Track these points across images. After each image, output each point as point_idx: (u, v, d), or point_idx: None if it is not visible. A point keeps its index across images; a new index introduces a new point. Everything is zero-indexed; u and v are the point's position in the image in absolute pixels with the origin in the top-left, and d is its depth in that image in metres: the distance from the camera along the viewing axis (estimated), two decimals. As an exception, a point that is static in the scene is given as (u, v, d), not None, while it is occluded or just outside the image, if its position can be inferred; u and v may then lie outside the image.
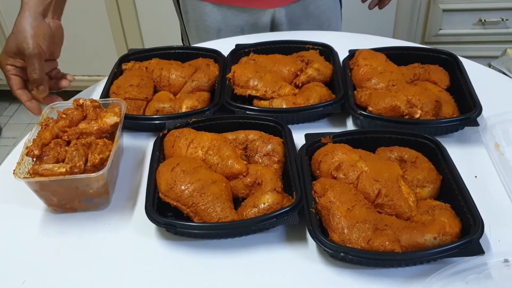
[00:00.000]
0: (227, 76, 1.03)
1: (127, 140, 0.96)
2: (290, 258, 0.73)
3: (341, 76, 1.04)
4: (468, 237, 0.68)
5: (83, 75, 2.49)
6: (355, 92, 1.00)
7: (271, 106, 0.98)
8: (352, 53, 1.09)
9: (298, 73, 1.05)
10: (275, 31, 1.33)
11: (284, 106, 0.97)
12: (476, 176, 0.85)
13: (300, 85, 1.03)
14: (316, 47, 1.13)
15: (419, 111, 0.91)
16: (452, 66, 1.05)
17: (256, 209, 0.75)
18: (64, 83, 1.05)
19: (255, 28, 1.31)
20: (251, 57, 1.10)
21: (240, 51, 1.14)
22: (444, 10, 2.04)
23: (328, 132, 0.87)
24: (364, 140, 0.87)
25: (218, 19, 1.30)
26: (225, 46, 1.16)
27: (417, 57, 1.08)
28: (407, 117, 0.92)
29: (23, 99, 0.97)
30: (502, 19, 2.03)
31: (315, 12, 1.31)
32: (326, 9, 1.34)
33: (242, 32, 1.32)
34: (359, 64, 1.04)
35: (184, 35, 1.43)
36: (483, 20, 2.04)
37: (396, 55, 1.08)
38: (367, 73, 1.01)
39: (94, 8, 2.25)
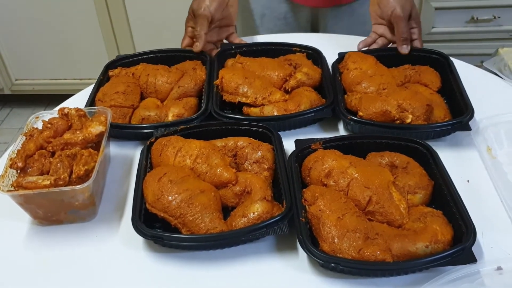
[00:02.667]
0: (214, 82, 1.01)
1: (114, 149, 0.95)
2: (281, 269, 0.72)
3: (331, 80, 1.02)
4: (460, 245, 0.66)
5: (74, 79, 2.47)
6: (345, 96, 0.99)
7: (262, 113, 0.96)
8: (342, 55, 1.08)
9: (287, 78, 1.03)
10: (318, 25, 1.35)
11: (275, 113, 0.95)
12: (468, 181, 0.84)
13: (289, 90, 1.01)
14: (303, 50, 1.11)
15: (410, 116, 0.90)
16: (443, 66, 1.04)
17: (246, 218, 0.74)
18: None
19: (298, 18, 1.34)
20: (237, 60, 1.08)
21: (226, 52, 1.12)
22: (436, 8, 2.03)
23: (318, 138, 0.86)
24: (354, 146, 0.85)
25: (263, 3, 1.33)
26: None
27: (407, 57, 1.07)
28: (398, 121, 0.91)
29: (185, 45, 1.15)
30: (495, 17, 2.02)
31: (359, 9, 1.30)
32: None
33: (285, 19, 1.34)
34: (348, 67, 1.02)
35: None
36: (475, 18, 2.03)
37: (386, 57, 1.07)
38: (357, 77, 0.99)
39: (84, 12, 2.23)
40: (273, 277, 0.71)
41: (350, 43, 1.15)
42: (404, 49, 1.06)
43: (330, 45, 1.14)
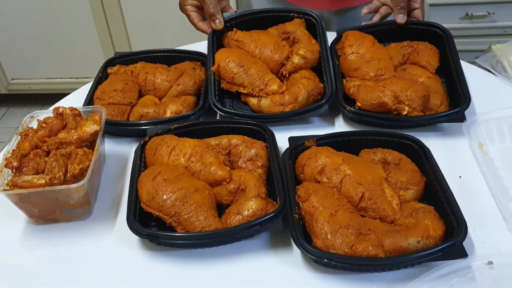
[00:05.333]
0: (211, 69, 1.01)
1: (111, 146, 0.95)
2: (275, 265, 0.73)
3: (327, 54, 1.02)
4: (451, 240, 0.67)
5: (70, 78, 2.47)
6: (344, 81, 0.99)
7: (259, 106, 0.97)
8: (340, 34, 1.07)
9: (284, 62, 1.01)
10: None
11: (272, 108, 0.96)
12: (460, 176, 0.84)
13: (286, 75, 1.01)
14: (301, 16, 1.09)
15: (407, 108, 0.91)
16: (442, 41, 1.04)
17: (240, 216, 0.75)
18: None
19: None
20: (233, 36, 1.07)
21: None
22: (431, 5, 2.04)
23: (312, 135, 0.87)
24: (347, 143, 0.86)
25: (266, 6, 1.30)
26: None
27: (406, 32, 1.07)
28: (395, 112, 0.92)
29: (205, 28, 1.13)
30: (489, 13, 2.03)
31: (364, 17, 1.30)
32: None
33: None
34: (345, 52, 1.02)
35: None
36: (470, 14, 2.04)
37: (384, 31, 1.07)
38: (354, 62, 1.00)
39: (80, 11, 2.23)
40: (267, 274, 0.72)
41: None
42: (400, 18, 1.05)
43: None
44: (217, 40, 1.09)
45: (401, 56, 1.02)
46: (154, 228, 0.77)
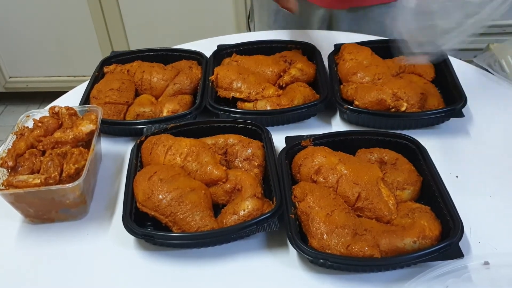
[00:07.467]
0: (210, 78, 1.02)
1: (107, 145, 0.95)
2: (271, 265, 0.72)
3: (324, 72, 1.03)
4: (447, 240, 0.67)
5: (68, 76, 2.47)
6: (341, 86, 1.00)
7: (255, 108, 0.97)
8: (338, 47, 1.09)
9: (282, 73, 1.04)
10: (332, 26, 1.33)
11: (268, 108, 0.96)
12: (457, 176, 0.84)
13: (283, 85, 1.02)
14: (298, 46, 1.12)
15: (405, 104, 0.91)
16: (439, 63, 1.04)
17: (236, 216, 0.74)
18: None
19: (312, 18, 1.33)
20: (233, 58, 1.09)
21: (222, 52, 1.12)
22: (430, 3, 2.03)
23: (308, 135, 0.87)
24: (344, 142, 0.86)
25: None
26: (207, 47, 1.15)
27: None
28: (393, 110, 0.92)
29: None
30: (488, 11, 2.03)
31: (378, 17, 1.29)
32: (390, 17, 1.31)
33: (299, 18, 1.32)
34: (344, 58, 1.03)
35: (252, 12, 1.46)
36: (468, 13, 2.03)
37: (381, 49, 1.07)
38: (353, 67, 1.00)
39: (77, 9, 2.22)
40: (263, 274, 0.71)
41: (349, 39, 1.15)
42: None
43: (327, 41, 1.14)
44: (216, 64, 1.09)
45: (398, 67, 1.04)
46: (150, 228, 0.77)
